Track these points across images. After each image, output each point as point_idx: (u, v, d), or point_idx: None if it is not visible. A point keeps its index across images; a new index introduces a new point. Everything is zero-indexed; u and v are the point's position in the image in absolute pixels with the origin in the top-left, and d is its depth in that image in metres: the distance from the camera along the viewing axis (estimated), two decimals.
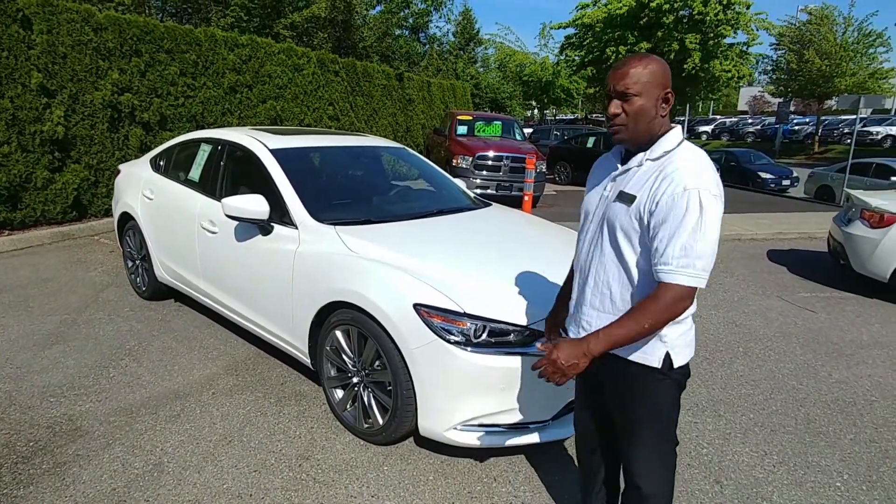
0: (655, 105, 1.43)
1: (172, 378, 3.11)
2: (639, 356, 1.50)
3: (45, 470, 2.29)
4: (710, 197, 1.34)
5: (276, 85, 9.47)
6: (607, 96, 1.48)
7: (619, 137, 1.49)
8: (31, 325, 3.74)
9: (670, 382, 1.52)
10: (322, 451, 2.50)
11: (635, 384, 1.53)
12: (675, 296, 1.35)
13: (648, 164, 1.45)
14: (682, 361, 1.52)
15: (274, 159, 3.18)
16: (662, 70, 1.43)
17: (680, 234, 1.34)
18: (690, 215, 1.33)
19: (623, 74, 1.41)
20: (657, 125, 1.45)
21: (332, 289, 2.55)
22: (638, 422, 1.56)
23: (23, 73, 5.88)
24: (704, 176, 1.36)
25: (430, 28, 22.47)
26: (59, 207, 6.40)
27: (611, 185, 1.55)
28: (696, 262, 1.33)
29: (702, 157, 1.43)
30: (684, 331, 1.52)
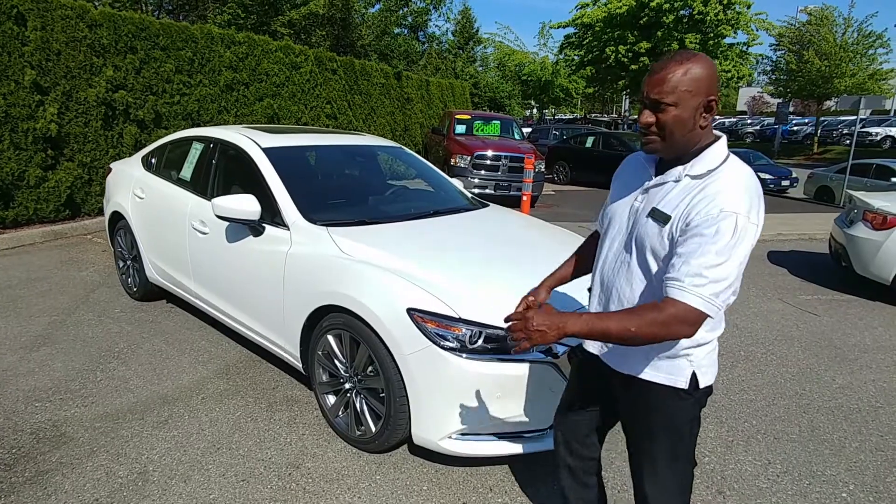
0: (694, 115, 1.27)
1: (161, 382, 3.04)
2: (664, 378, 1.40)
3: (27, 478, 2.22)
4: (749, 225, 1.21)
5: (273, 83, 9.39)
6: (640, 102, 1.34)
7: (651, 148, 1.34)
8: (19, 326, 3.66)
9: (694, 402, 1.42)
10: (313, 459, 2.43)
11: (659, 406, 1.43)
12: (678, 315, 1.21)
13: (687, 181, 1.31)
14: (708, 381, 1.43)
15: (266, 158, 3.10)
16: (707, 74, 1.26)
17: (702, 254, 1.20)
18: (721, 238, 1.20)
19: (659, 81, 1.26)
20: (696, 136, 1.31)
21: (324, 292, 2.48)
22: (657, 443, 1.46)
23: (16, 69, 5.79)
24: (748, 201, 1.23)
25: (430, 27, 22.39)
26: (52, 206, 6.32)
27: (642, 196, 1.41)
28: (712, 286, 1.20)
29: (749, 178, 1.28)
30: (710, 350, 1.42)
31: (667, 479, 1.48)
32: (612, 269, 1.47)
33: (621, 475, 2.41)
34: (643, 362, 1.42)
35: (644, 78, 1.31)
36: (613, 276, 1.46)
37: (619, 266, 1.44)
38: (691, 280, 1.21)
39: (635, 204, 1.43)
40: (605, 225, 1.56)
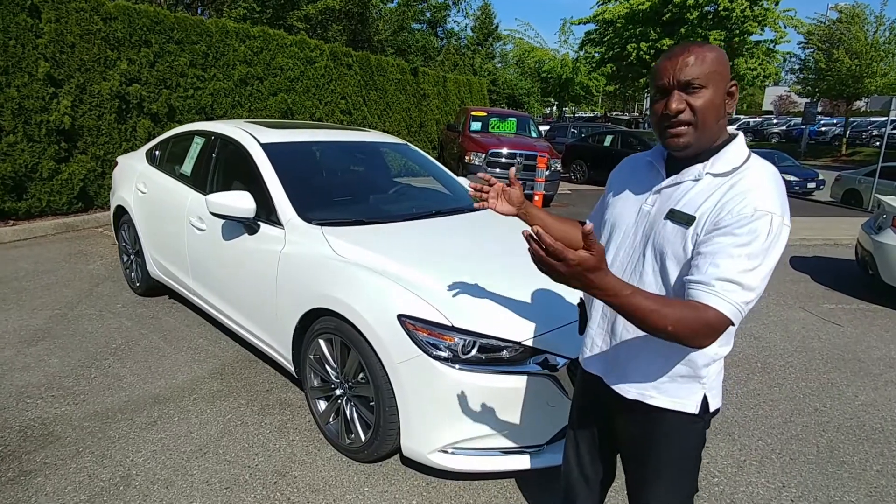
0: (723, 100, 1.18)
1: (155, 380, 2.98)
2: (672, 403, 1.27)
3: (9, 478, 2.17)
4: (784, 227, 1.12)
5: (287, 78, 9.35)
6: (661, 90, 1.18)
7: (682, 142, 1.18)
8: (21, 319, 3.65)
9: (703, 426, 1.32)
10: (301, 467, 2.35)
11: (666, 434, 1.31)
12: (710, 322, 1.08)
13: (709, 180, 1.19)
14: (718, 404, 1.32)
15: (264, 154, 3.02)
16: (724, 59, 1.19)
17: (733, 258, 1.09)
18: (755, 240, 1.09)
19: (684, 62, 1.14)
20: (723, 127, 1.22)
21: (316, 294, 2.39)
22: (662, 475, 1.35)
23: (30, 62, 5.82)
24: (780, 200, 1.14)
25: (448, 23, 22.22)
26: (65, 198, 6.36)
27: (654, 198, 1.28)
28: (744, 293, 1.09)
29: (777, 177, 1.18)
30: (720, 368, 1.32)
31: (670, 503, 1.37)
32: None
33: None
34: (649, 385, 1.29)
35: (660, 64, 1.18)
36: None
37: (629, 277, 1.30)
38: (723, 285, 1.09)
39: (645, 207, 1.29)
40: (605, 234, 1.41)
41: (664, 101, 1.17)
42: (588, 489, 1.58)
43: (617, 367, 1.34)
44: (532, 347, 2.07)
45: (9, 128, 5.71)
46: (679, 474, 1.35)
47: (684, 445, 1.32)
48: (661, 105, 1.18)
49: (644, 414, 1.31)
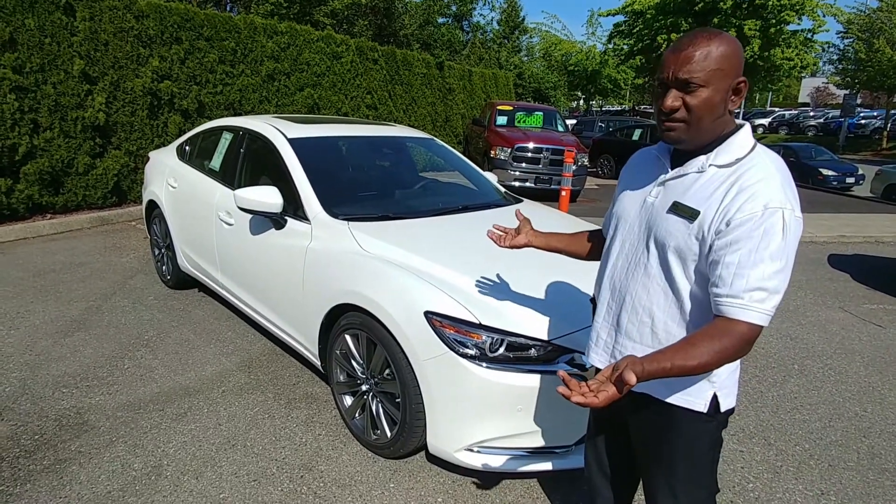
0: (725, 98, 1.15)
1: (185, 372, 3.03)
2: (681, 399, 1.26)
3: (45, 466, 2.23)
4: (795, 219, 1.10)
5: (314, 73, 9.41)
6: (661, 84, 1.18)
7: (674, 136, 1.19)
8: (58, 310, 3.76)
9: (716, 425, 1.29)
10: (327, 461, 2.35)
11: (676, 429, 1.30)
12: (744, 335, 1.09)
13: (713, 172, 1.18)
14: (730, 404, 1.29)
15: (291, 149, 3.03)
16: (735, 52, 1.13)
17: (756, 264, 1.09)
18: (772, 240, 1.08)
19: (687, 58, 1.11)
20: (723, 123, 1.18)
21: (342, 290, 2.39)
22: (675, 471, 1.33)
23: (65, 59, 5.97)
24: (788, 192, 1.12)
25: (474, 16, 22.05)
26: (100, 193, 6.52)
27: (658, 190, 1.27)
28: (773, 298, 1.10)
29: (782, 167, 1.17)
30: (733, 370, 1.29)
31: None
32: (624, 274, 1.32)
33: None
34: (657, 380, 1.25)
35: (665, 56, 1.15)
36: (627, 280, 1.31)
37: (633, 269, 1.30)
38: (751, 295, 1.09)
39: (649, 199, 1.28)
40: (612, 227, 1.40)
41: (662, 96, 1.16)
42: (612, 489, 1.57)
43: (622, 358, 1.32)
44: (561, 346, 2.03)
45: (46, 124, 5.87)
46: (693, 472, 1.32)
47: (696, 444, 1.30)
48: (659, 99, 1.18)
49: (654, 410, 1.30)
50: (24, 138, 5.68)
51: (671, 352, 1.10)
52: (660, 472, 1.36)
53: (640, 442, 1.39)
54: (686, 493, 1.33)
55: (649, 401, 1.29)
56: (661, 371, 1.08)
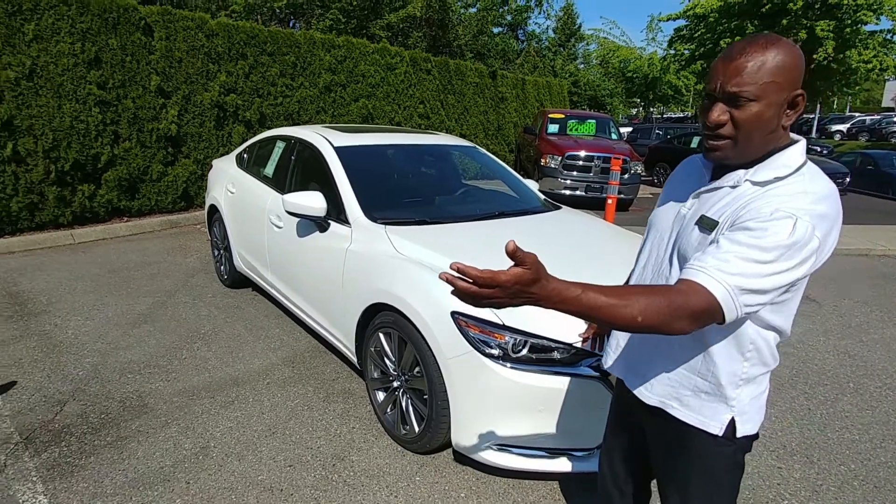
0: (778, 113, 1.04)
1: (235, 364, 3.25)
2: (694, 419, 1.20)
3: (108, 442, 2.47)
4: (813, 237, 0.98)
5: (368, 84, 9.74)
6: (708, 96, 1.08)
7: (719, 156, 1.09)
8: (128, 304, 4.11)
9: (735, 449, 1.22)
10: (358, 452, 2.47)
11: (690, 447, 1.24)
12: (694, 303, 0.96)
13: (747, 187, 1.09)
14: (748, 431, 1.20)
15: (336, 157, 3.20)
16: (794, 62, 1.02)
17: (739, 244, 0.99)
18: (769, 237, 0.98)
19: (738, 68, 1.01)
20: (774, 140, 1.08)
21: (377, 290, 2.51)
22: (691, 490, 1.27)
23: (143, 76, 6.51)
24: (816, 208, 1.00)
25: (529, 25, 22.06)
26: (170, 198, 7.03)
27: (693, 202, 1.19)
28: (740, 279, 0.97)
29: (826, 191, 1.04)
30: (758, 393, 1.20)
31: None
32: (649, 282, 1.28)
33: None
34: (671, 394, 1.23)
35: (714, 65, 1.06)
36: None
37: (657, 278, 1.25)
38: (717, 264, 0.98)
39: (682, 210, 1.21)
40: (645, 234, 1.37)
41: (708, 109, 1.07)
42: (622, 499, 1.53)
43: (638, 369, 1.30)
44: (584, 350, 2.05)
45: (125, 135, 6.42)
46: (709, 494, 1.25)
47: (711, 468, 1.23)
48: (704, 112, 1.09)
49: (668, 425, 1.25)
50: (105, 148, 6.24)
51: (613, 289, 0.98)
52: (674, 491, 1.31)
53: (656, 455, 1.35)
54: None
55: (664, 415, 1.25)
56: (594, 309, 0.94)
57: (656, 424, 1.30)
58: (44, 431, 2.53)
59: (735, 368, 1.16)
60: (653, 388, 1.26)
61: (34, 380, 2.97)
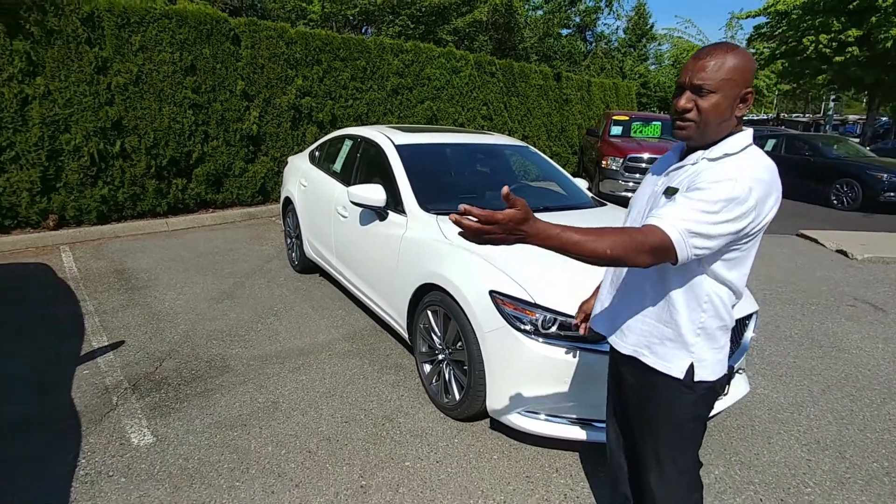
0: (732, 104, 1.31)
1: (302, 337, 3.65)
2: (660, 364, 1.43)
3: (197, 392, 2.92)
4: (750, 198, 1.22)
5: (434, 87, 10.12)
6: (679, 87, 1.35)
7: (684, 134, 1.36)
8: (213, 283, 4.65)
9: (695, 397, 1.43)
10: (405, 416, 2.77)
11: (655, 393, 1.47)
12: (650, 241, 1.19)
13: (704, 164, 1.34)
14: (707, 376, 1.41)
15: (396, 153, 3.53)
16: (747, 66, 1.29)
17: (690, 200, 1.23)
18: (712, 194, 1.22)
19: (702, 66, 1.29)
20: (728, 126, 1.34)
21: (427, 272, 2.80)
22: (660, 437, 1.49)
23: (231, 81, 7.19)
24: (754, 178, 1.24)
25: (598, 26, 21.78)
26: (250, 192, 7.70)
27: (663, 179, 1.45)
28: (691, 224, 1.20)
29: (763, 166, 1.29)
30: (716, 347, 1.42)
31: (673, 477, 1.48)
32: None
33: None
34: (642, 344, 1.46)
35: (687, 62, 1.34)
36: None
37: None
38: (671, 213, 1.23)
39: (655, 188, 1.46)
40: (627, 212, 1.61)
41: (678, 97, 1.34)
42: (623, 460, 1.72)
43: (615, 322, 1.53)
44: None
45: (213, 135, 7.12)
46: (675, 441, 1.46)
47: (673, 411, 1.44)
48: (675, 99, 1.35)
49: (640, 374, 1.48)
50: (196, 146, 6.95)
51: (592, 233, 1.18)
52: (645, 438, 1.52)
53: (631, 405, 1.56)
54: (669, 459, 1.48)
55: (637, 364, 1.47)
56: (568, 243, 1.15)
57: (632, 374, 1.52)
58: (146, 381, 3.01)
59: (694, 318, 1.38)
60: (626, 338, 1.50)
61: (139, 340, 3.50)
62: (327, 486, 2.23)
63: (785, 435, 2.74)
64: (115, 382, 2.98)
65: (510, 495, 2.23)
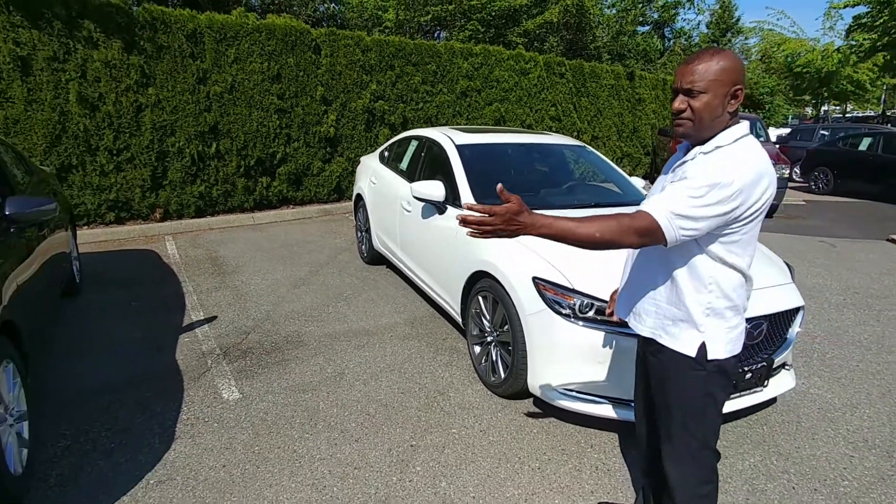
0: (722, 102, 1.41)
1: (367, 320, 4.02)
2: (674, 343, 1.53)
3: (275, 361, 3.34)
4: (730, 177, 1.33)
5: (502, 88, 10.33)
6: (673, 91, 1.48)
7: (682, 132, 1.49)
8: (291, 271, 5.15)
9: (706, 375, 1.51)
10: (455, 392, 3.04)
11: (669, 372, 1.56)
12: (637, 224, 1.34)
13: (700, 157, 1.46)
14: (718, 354, 1.50)
15: (456, 152, 3.81)
16: (733, 66, 1.40)
17: (678, 190, 1.36)
18: (695, 182, 1.35)
19: (690, 70, 1.41)
20: (722, 122, 1.45)
21: (479, 260, 3.05)
22: (672, 416, 1.57)
23: (311, 87, 7.79)
24: (739, 170, 1.35)
25: (677, 21, 21.00)
26: (326, 190, 8.28)
27: (669, 176, 1.57)
28: (675, 206, 1.33)
29: (751, 155, 1.39)
30: (727, 327, 1.51)
31: (684, 457, 1.58)
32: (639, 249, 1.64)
33: None
34: (658, 326, 1.57)
35: (677, 68, 1.47)
36: (644, 250, 1.62)
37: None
38: (659, 199, 1.38)
39: (664, 185, 1.57)
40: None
41: (673, 100, 1.49)
42: (648, 440, 1.84)
43: (635, 308, 1.66)
44: None
45: (295, 137, 7.74)
46: (686, 419, 1.54)
47: (684, 387, 1.53)
48: (672, 102, 1.50)
49: (658, 354, 1.58)
50: (280, 147, 7.60)
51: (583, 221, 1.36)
52: (661, 415, 1.62)
53: (653, 386, 1.66)
54: (680, 438, 1.57)
55: (655, 345, 1.59)
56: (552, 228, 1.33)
57: (652, 354, 1.63)
58: (235, 349, 3.48)
59: (700, 299, 1.49)
60: (644, 321, 1.63)
61: (229, 316, 4.01)
62: (382, 443, 2.54)
63: (831, 432, 2.74)
64: (209, 349, 3.47)
65: (545, 463, 2.44)
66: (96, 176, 6.31)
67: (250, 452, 2.45)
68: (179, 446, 2.49)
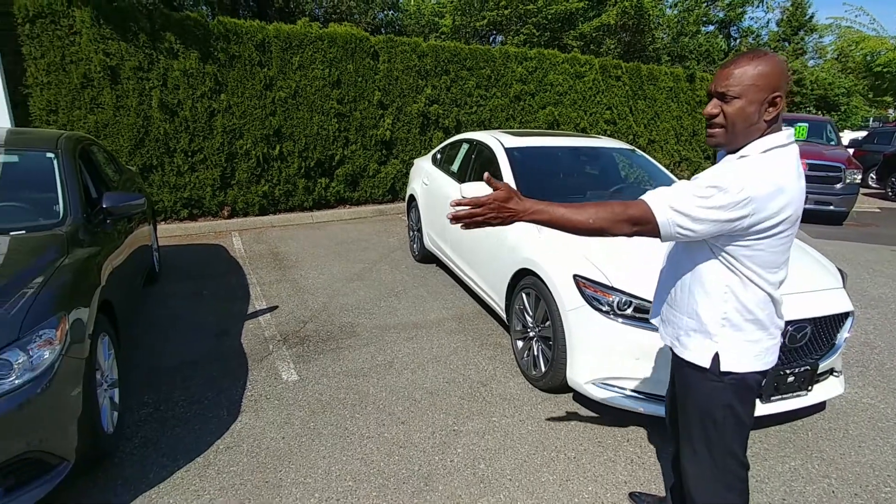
0: (759, 109, 1.34)
1: (416, 314, 4.21)
2: (690, 355, 1.51)
3: (330, 348, 3.58)
4: (740, 194, 1.26)
5: (556, 92, 10.34)
6: (707, 95, 1.42)
7: (714, 141, 1.42)
8: (346, 267, 5.43)
9: (723, 386, 1.46)
10: (498, 383, 3.17)
11: (689, 384, 1.54)
12: (632, 213, 1.33)
13: (722, 163, 1.43)
14: (734, 367, 1.44)
15: (505, 155, 3.95)
16: (774, 71, 1.32)
17: (682, 185, 1.34)
18: (706, 181, 1.30)
19: (726, 74, 1.35)
20: (758, 130, 1.36)
21: (522, 258, 3.18)
22: (692, 425, 1.55)
23: (369, 92, 8.12)
24: (751, 179, 1.29)
25: (744, 20, 20.15)
26: (381, 191, 8.59)
27: None
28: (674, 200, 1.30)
29: (773, 168, 1.32)
30: (747, 339, 1.45)
31: (705, 463, 1.54)
32: (674, 249, 1.64)
33: None
34: (675, 335, 1.58)
35: (716, 73, 1.42)
36: (675, 253, 1.63)
37: (684, 249, 1.54)
38: (661, 190, 1.36)
39: None
40: None
41: (706, 104, 1.46)
42: (675, 441, 1.84)
43: (662, 313, 1.68)
44: None
45: (353, 140, 8.09)
46: (707, 432, 1.50)
47: (700, 399, 1.50)
48: (705, 106, 1.48)
49: (680, 367, 1.58)
50: (338, 150, 7.97)
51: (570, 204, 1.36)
52: (682, 419, 1.59)
53: (677, 391, 1.65)
54: (703, 447, 1.53)
55: (675, 356, 1.58)
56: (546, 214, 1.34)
57: (676, 365, 1.62)
58: (294, 336, 3.76)
59: (715, 309, 1.46)
60: (666, 329, 1.65)
61: (288, 307, 4.31)
62: (426, 426, 2.71)
63: (880, 441, 2.68)
64: (271, 335, 3.76)
65: (580, 453, 2.53)
66: (173, 176, 6.86)
67: (306, 428, 2.69)
68: (245, 419, 2.76)
